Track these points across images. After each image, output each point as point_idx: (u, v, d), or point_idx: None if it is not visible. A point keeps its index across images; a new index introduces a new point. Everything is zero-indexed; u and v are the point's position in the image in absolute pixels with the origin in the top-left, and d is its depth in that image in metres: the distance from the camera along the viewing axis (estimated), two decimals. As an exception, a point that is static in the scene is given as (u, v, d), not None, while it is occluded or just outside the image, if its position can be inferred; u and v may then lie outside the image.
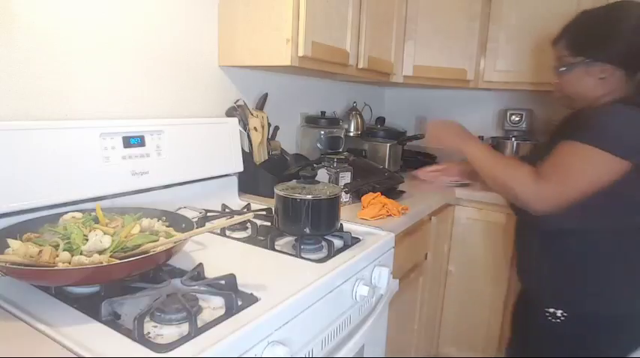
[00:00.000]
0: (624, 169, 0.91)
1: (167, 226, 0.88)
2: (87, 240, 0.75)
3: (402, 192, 1.57)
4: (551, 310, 1.07)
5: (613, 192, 0.94)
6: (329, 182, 1.36)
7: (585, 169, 0.93)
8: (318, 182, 1.12)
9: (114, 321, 0.66)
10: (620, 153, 0.90)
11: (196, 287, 0.75)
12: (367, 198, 1.35)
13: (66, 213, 0.88)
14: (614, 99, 0.99)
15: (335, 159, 1.42)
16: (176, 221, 0.90)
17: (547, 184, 0.95)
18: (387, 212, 1.29)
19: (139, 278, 0.76)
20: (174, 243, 0.76)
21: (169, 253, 0.75)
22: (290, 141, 1.85)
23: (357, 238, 1.08)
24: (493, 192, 1.10)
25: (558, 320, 1.07)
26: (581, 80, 1.02)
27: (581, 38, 1.03)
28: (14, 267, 0.66)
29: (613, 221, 1.00)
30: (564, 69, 1.04)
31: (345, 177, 1.42)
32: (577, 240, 1.04)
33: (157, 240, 0.77)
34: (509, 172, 1.03)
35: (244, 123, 1.48)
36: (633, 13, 0.98)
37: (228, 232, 1.09)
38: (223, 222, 0.99)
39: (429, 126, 1.23)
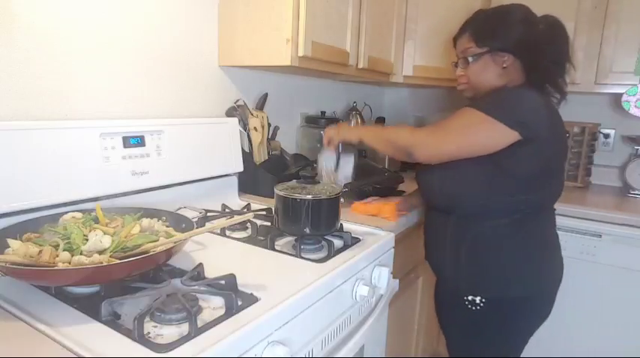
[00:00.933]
0: (508, 139, 0.96)
1: (167, 226, 0.88)
2: (87, 240, 0.75)
3: (402, 192, 1.57)
4: (470, 297, 1.10)
5: (503, 169, 1.00)
6: (334, 166, 1.31)
7: (466, 124, 1.00)
8: (318, 182, 1.12)
9: (114, 321, 0.66)
10: (508, 123, 0.95)
11: (196, 287, 0.75)
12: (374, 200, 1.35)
13: (66, 213, 0.89)
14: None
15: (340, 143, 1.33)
16: (176, 221, 0.90)
17: (426, 131, 1.06)
18: (379, 213, 1.28)
19: (139, 278, 0.76)
20: (174, 243, 0.76)
21: (169, 253, 0.75)
22: (290, 141, 1.85)
23: (357, 238, 1.08)
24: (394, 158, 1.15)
25: (478, 307, 1.09)
26: (486, 69, 1.09)
27: (485, 30, 1.10)
28: (14, 267, 0.66)
29: (513, 201, 1.04)
30: (473, 58, 1.11)
31: (349, 162, 1.33)
32: (486, 226, 1.06)
33: (157, 240, 0.77)
34: (395, 131, 1.12)
35: (244, 123, 1.48)
36: (523, 9, 1.09)
37: (228, 232, 1.09)
38: (223, 222, 0.99)
39: (325, 133, 1.27)
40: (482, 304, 1.09)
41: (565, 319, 1.70)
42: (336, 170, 1.31)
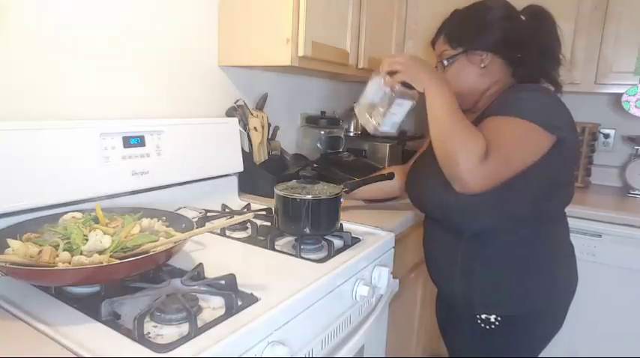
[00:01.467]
0: (549, 146, 0.89)
1: (167, 226, 0.88)
2: (87, 240, 0.75)
3: (402, 192, 1.57)
4: (484, 316, 1.03)
5: (529, 175, 0.90)
6: (385, 105, 1.02)
7: (522, 141, 0.88)
8: (318, 182, 1.12)
9: (114, 321, 0.66)
10: (547, 128, 0.87)
11: (196, 287, 0.75)
12: None
13: (66, 213, 0.88)
14: (501, 88, 1.01)
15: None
16: (176, 221, 0.90)
17: (491, 163, 0.85)
18: None
19: (139, 278, 0.76)
20: (174, 243, 0.76)
21: (169, 253, 0.75)
22: (290, 141, 1.85)
23: (357, 238, 1.08)
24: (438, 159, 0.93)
25: (493, 326, 1.03)
26: (464, 71, 1.02)
27: (457, 31, 1.05)
28: (14, 267, 0.66)
29: (535, 209, 0.96)
30: (448, 62, 1.03)
31: (404, 108, 1.02)
32: (502, 240, 0.99)
33: (157, 240, 0.77)
34: (462, 130, 0.88)
35: (244, 123, 1.48)
36: (499, 4, 1.02)
37: (228, 232, 1.09)
38: (223, 222, 0.99)
39: (387, 59, 1.00)
40: (497, 323, 1.02)
41: (565, 319, 1.70)
42: (384, 112, 1.02)
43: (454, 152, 0.86)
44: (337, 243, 1.02)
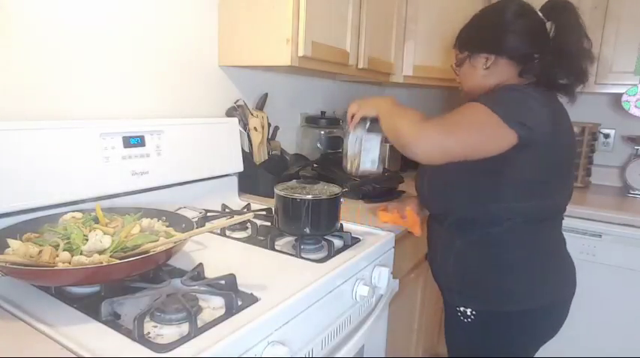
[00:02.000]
0: (510, 141, 0.89)
1: (167, 226, 0.88)
2: (87, 240, 0.75)
3: (402, 192, 1.57)
4: (462, 309, 1.06)
5: (499, 174, 0.94)
6: (358, 149, 1.16)
7: (473, 121, 0.91)
8: (318, 182, 1.12)
9: (114, 321, 0.66)
10: (509, 122, 0.88)
11: (196, 287, 0.75)
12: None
13: (66, 213, 0.89)
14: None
15: (368, 120, 1.15)
16: (176, 221, 0.90)
17: (431, 124, 0.92)
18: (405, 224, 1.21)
19: (139, 278, 0.76)
20: (174, 243, 0.76)
21: (169, 253, 0.75)
22: (290, 141, 1.85)
23: (357, 238, 1.08)
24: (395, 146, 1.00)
25: (469, 320, 1.05)
26: (471, 73, 1.09)
27: (464, 35, 1.12)
28: (14, 267, 0.66)
29: (506, 208, 0.97)
30: (457, 65, 1.12)
31: (374, 144, 1.16)
32: (475, 235, 1.01)
33: (157, 240, 0.77)
34: (401, 116, 0.99)
35: (244, 123, 1.48)
36: (511, 5, 1.05)
37: (228, 232, 1.09)
38: (223, 222, 0.99)
39: (348, 108, 1.14)
40: (472, 317, 1.04)
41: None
42: (360, 152, 1.14)
43: (396, 125, 0.97)
44: (337, 243, 1.02)
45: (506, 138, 0.89)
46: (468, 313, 1.05)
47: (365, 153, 1.14)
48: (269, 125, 1.54)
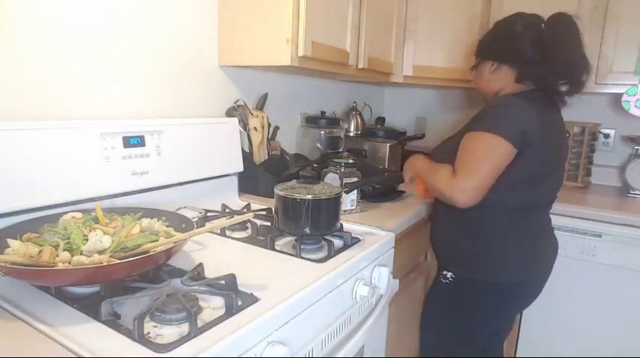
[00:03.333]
0: (513, 151, 1.07)
1: (167, 226, 0.88)
2: (87, 240, 0.75)
3: (402, 192, 1.57)
4: (444, 272, 1.25)
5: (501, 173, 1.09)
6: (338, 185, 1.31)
7: (486, 156, 1.07)
8: (318, 182, 1.12)
9: (114, 321, 0.66)
10: (506, 136, 1.05)
11: (196, 287, 0.75)
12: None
13: (66, 213, 0.88)
14: (507, 92, 1.20)
15: (343, 164, 1.37)
16: (176, 221, 0.90)
17: (460, 178, 1.08)
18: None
19: (139, 278, 0.76)
20: (174, 243, 0.76)
21: (169, 253, 0.75)
22: (290, 141, 1.85)
23: (357, 238, 1.08)
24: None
25: (447, 281, 1.24)
26: (480, 76, 1.30)
27: (479, 43, 1.32)
28: (14, 267, 0.66)
29: (501, 196, 1.12)
30: (472, 69, 1.33)
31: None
32: (474, 212, 1.12)
33: (157, 240, 0.77)
34: (434, 176, 1.18)
35: (244, 123, 1.48)
36: (519, 19, 1.21)
37: (228, 232, 1.09)
38: (223, 222, 0.99)
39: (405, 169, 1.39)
40: (450, 279, 1.22)
41: (565, 319, 1.70)
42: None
43: (435, 185, 1.17)
44: (337, 243, 1.02)
45: (510, 151, 1.07)
46: (448, 276, 1.24)
47: (345, 196, 1.31)
48: (269, 125, 1.54)
